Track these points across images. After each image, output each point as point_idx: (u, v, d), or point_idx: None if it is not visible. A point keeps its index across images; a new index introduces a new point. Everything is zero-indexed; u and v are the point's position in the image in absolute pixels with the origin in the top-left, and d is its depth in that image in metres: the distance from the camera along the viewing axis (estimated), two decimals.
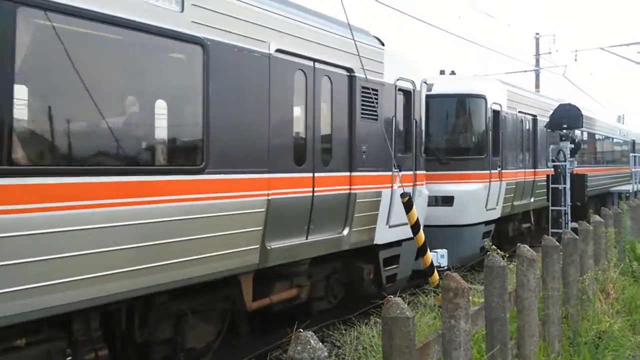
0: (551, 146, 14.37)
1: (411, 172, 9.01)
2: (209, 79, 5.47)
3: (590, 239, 7.15)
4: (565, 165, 13.77)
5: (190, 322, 5.82)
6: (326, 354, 2.43)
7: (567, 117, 13.93)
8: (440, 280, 7.41)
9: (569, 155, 13.98)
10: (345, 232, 7.46)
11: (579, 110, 14.02)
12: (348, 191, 7.50)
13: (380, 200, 8.15)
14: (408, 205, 7.91)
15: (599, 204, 18.25)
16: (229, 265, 5.71)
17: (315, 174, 6.94)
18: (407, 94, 8.99)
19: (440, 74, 13.04)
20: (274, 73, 6.26)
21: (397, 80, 8.62)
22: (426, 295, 8.04)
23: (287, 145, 6.68)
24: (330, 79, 7.26)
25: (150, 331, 5.48)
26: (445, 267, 8.81)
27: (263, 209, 6.07)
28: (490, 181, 11.82)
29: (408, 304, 4.92)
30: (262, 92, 6.15)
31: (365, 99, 7.79)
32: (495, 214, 12.35)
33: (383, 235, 8.30)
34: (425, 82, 9.64)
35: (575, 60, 31.83)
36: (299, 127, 6.92)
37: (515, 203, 13.49)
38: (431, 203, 10.25)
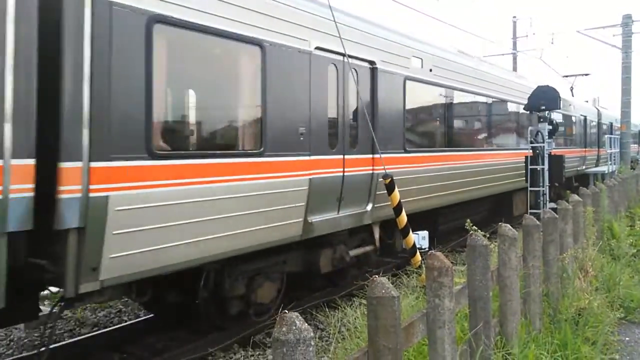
0: (530, 128, 14.46)
1: None
2: None
3: (569, 218, 7.21)
4: (544, 146, 13.90)
5: None
6: (312, 334, 2.39)
7: (545, 99, 14.01)
8: (423, 261, 7.44)
9: (547, 137, 14.11)
10: None
11: (556, 91, 14.10)
12: None
13: None
14: (390, 187, 7.92)
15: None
16: None
17: None
18: None
19: None
20: None
21: None
22: (408, 277, 8.07)
23: None
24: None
25: None
26: (427, 249, 8.86)
27: None
28: None
29: None
30: None
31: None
32: None
33: None
34: None
35: (552, 43, 32.00)
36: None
37: None
38: None
